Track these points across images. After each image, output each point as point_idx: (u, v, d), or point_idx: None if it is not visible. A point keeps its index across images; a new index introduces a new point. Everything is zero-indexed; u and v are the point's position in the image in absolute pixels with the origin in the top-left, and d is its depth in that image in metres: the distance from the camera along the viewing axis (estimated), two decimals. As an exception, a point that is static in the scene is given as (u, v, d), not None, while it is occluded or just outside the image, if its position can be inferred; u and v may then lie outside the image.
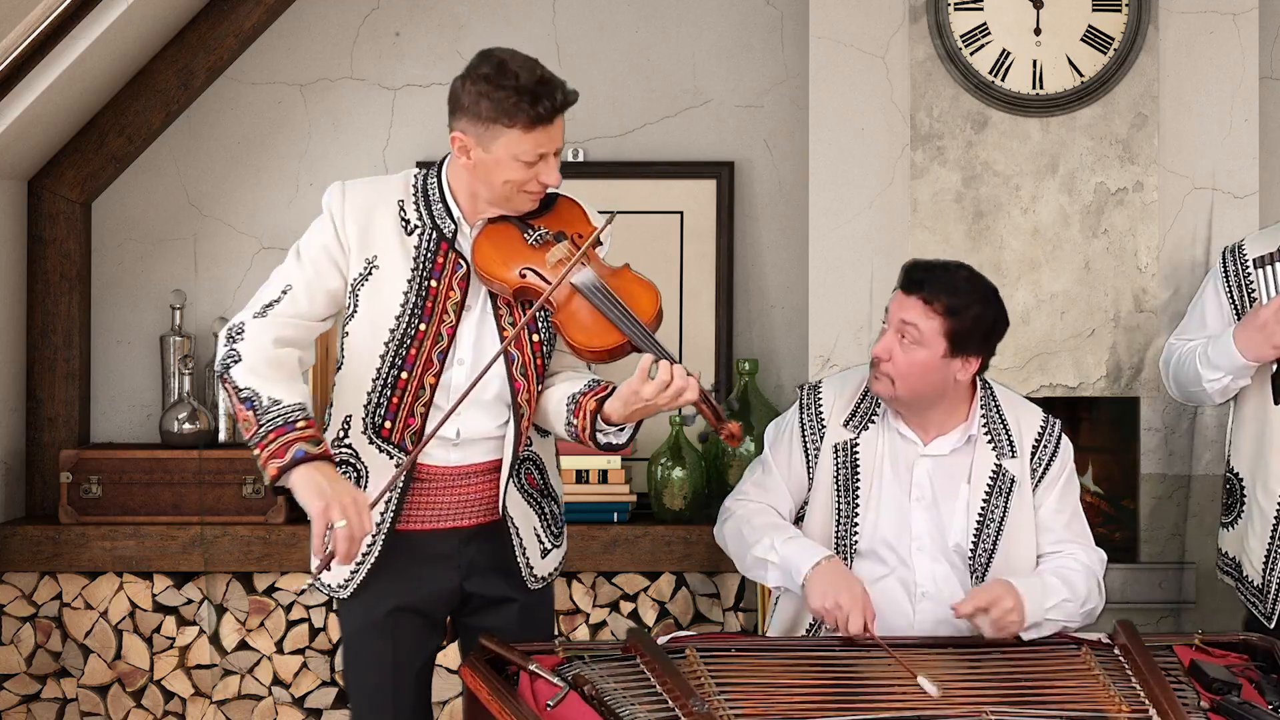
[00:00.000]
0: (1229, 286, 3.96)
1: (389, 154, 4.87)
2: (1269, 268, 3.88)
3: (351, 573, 3.38)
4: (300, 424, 3.16)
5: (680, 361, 3.26)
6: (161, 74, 4.75)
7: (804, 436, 3.63)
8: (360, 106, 4.90)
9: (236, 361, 3.22)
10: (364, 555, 3.36)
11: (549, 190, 3.34)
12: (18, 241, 4.75)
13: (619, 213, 3.45)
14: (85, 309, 4.86)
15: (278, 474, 3.14)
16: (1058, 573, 3.50)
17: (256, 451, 3.18)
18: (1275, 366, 3.85)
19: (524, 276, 3.26)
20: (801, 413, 3.65)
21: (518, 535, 3.41)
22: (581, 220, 3.37)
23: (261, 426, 3.16)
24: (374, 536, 3.35)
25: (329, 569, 3.21)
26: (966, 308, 3.49)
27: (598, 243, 3.34)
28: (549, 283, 3.24)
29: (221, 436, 4.78)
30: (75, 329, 4.81)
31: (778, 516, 3.60)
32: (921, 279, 3.50)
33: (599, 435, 3.28)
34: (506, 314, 3.32)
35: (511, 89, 3.19)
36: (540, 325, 3.34)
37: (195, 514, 4.57)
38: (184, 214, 4.93)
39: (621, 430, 3.28)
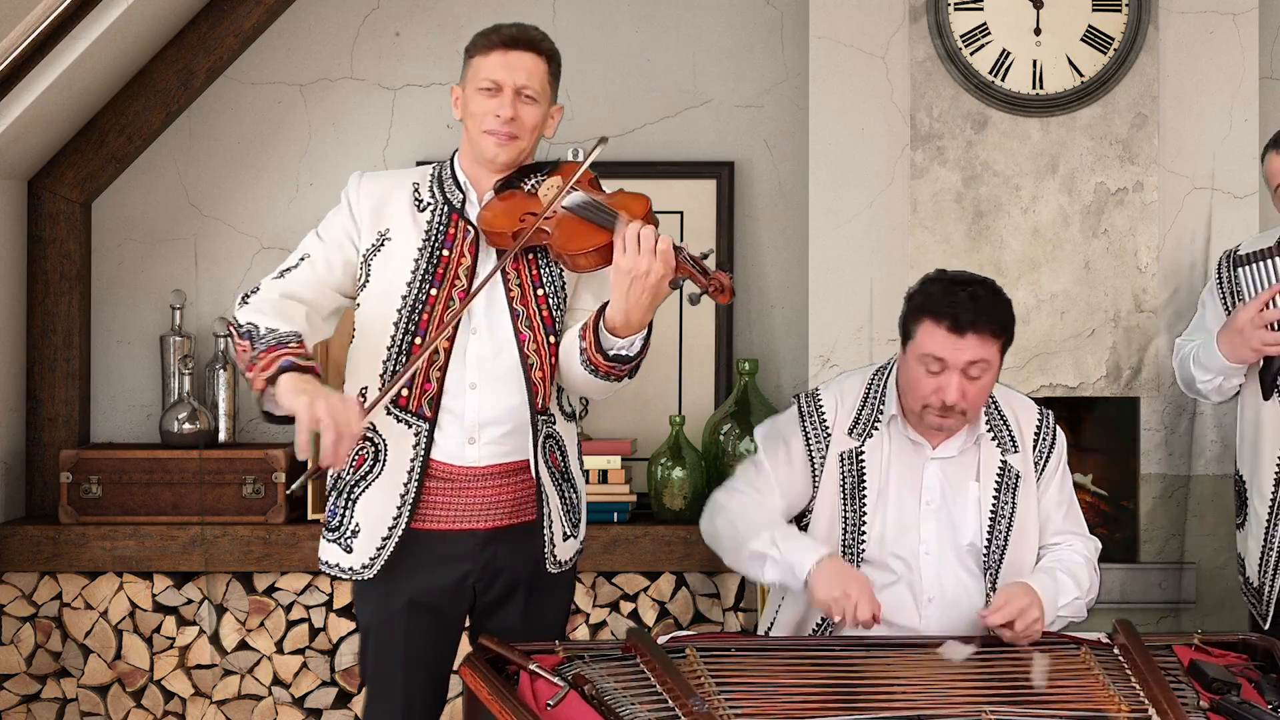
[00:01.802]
0: (1223, 292, 4.00)
1: (389, 154, 4.88)
2: (1251, 266, 3.91)
3: (375, 553, 3.38)
4: (293, 344, 3.21)
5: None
6: (161, 74, 4.75)
7: (809, 445, 3.61)
8: (360, 106, 4.90)
9: (243, 306, 3.31)
10: (388, 533, 3.37)
11: (557, 160, 3.43)
12: (18, 241, 4.75)
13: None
14: (85, 309, 4.86)
15: (265, 386, 3.16)
16: (1066, 569, 3.53)
17: (249, 375, 3.21)
18: (1263, 363, 3.88)
19: (523, 220, 3.33)
20: (804, 421, 3.62)
21: (548, 506, 3.41)
22: (578, 169, 3.42)
23: (256, 349, 3.21)
24: (393, 524, 3.36)
25: (314, 477, 3.23)
26: (1010, 321, 3.51)
27: (599, 189, 3.39)
28: (539, 214, 3.32)
29: (221, 436, 4.78)
30: (75, 329, 4.81)
31: (772, 513, 3.59)
32: (973, 316, 3.43)
33: (605, 348, 3.28)
34: (514, 277, 3.37)
35: (488, 28, 3.42)
36: (544, 278, 3.39)
37: (195, 514, 4.57)
38: (184, 214, 4.93)
39: (631, 342, 3.27)
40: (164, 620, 4.62)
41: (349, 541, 3.39)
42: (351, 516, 3.39)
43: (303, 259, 3.38)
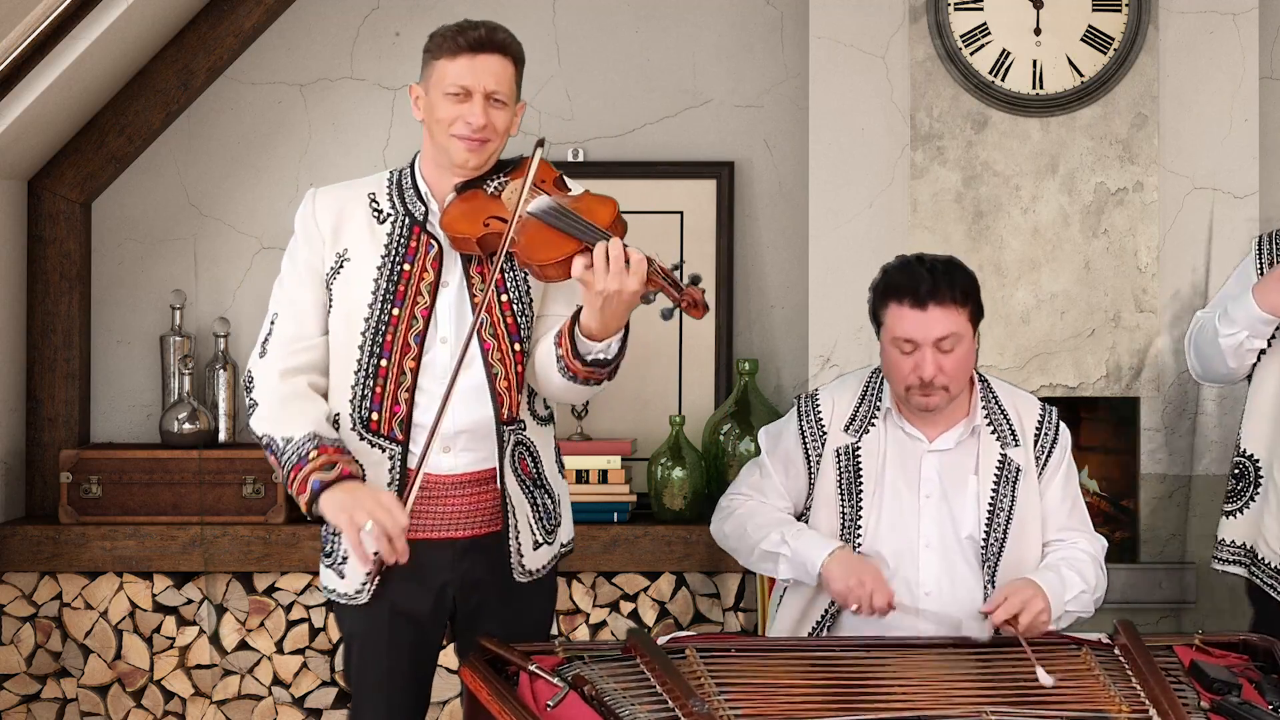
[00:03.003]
0: (1261, 264, 3.95)
1: (389, 154, 4.87)
2: None
3: (366, 578, 3.37)
4: (311, 455, 3.24)
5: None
6: (161, 74, 4.75)
7: (805, 444, 3.63)
8: (360, 106, 4.90)
9: (254, 410, 3.32)
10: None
11: (519, 156, 3.38)
12: (18, 241, 4.75)
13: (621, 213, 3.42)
14: (85, 309, 4.86)
15: (308, 509, 3.24)
16: (1071, 565, 3.52)
17: (290, 492, 3.29)
18: None
19: (487, 225, 3.28)
20: (801, 421, 3.65)
21: (514, 517, 3.39)
22: (542, 167, 3.36)
23: (284, 469, 3.26)
24: None
25: (380, 575, 3.30)
26: (972, 289, 3.54)
27: (565, 187, 3.34)
28: (508, 220, 3.26)
29: (221, 436, 4.78)
30: (75, 329, 4.81)
31: (781, 512, 3.61)
32: (931, 287, 3.47)
33: (584, 354, 3.25)
34: (479, 282, 3.32)
35: (448, 28, 3.34)
36: (509, 284, 3.34)
37: (195, 514, 4.57)
38: (184, 214, 4.93)
39: (608, 345, 3.24)
40: (164, 620, 4.62)
41: (340, 568, 3.39)
42: (341, 543, 3.38)
43: (272, 323, 3.36)
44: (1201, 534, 4.47)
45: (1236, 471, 4.00)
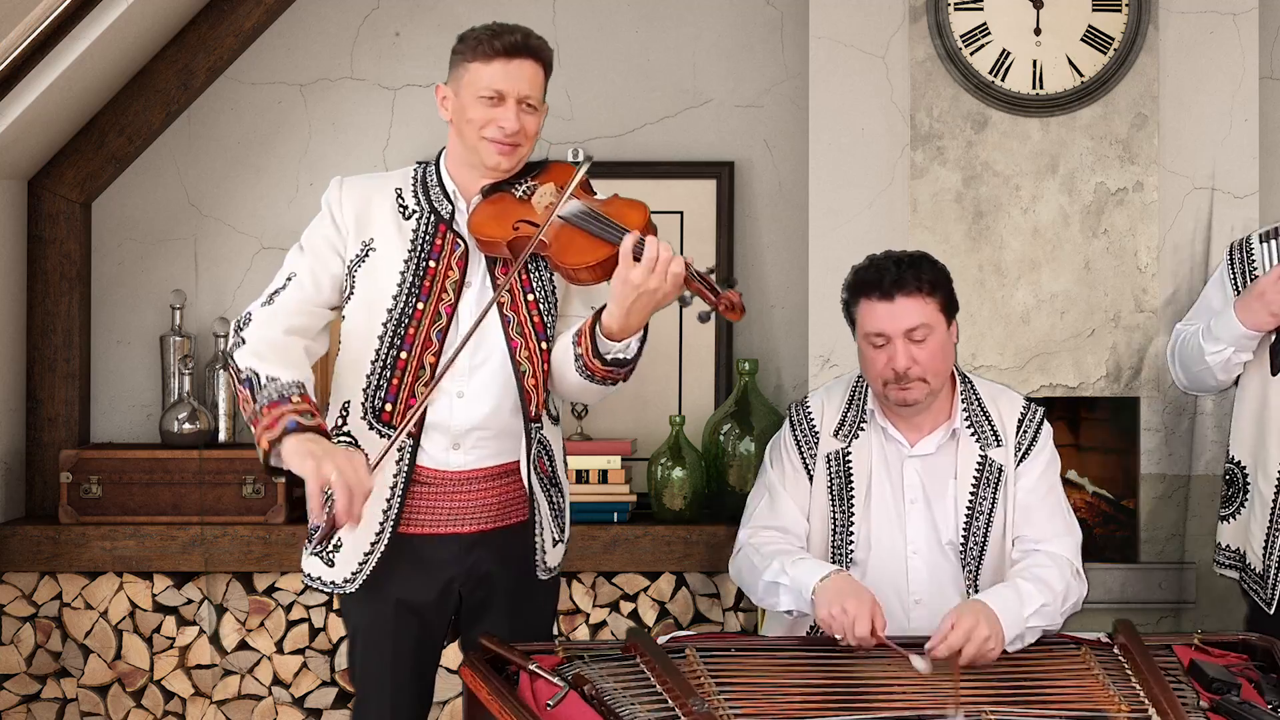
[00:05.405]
0: (1234, 274, 3.98)
1: (389, 154, 4.88)
2: (1271, 243, 3.92)
3: (357, 567, 3.37)
4: (295, 398, 3.18)
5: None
6: (161, 74, 4.75)
7: (800, 451, 3.63)
8: (360, 106, 4.90)
9: (240, 346, 3.27)
10: (370, 548, 3.36)
11: (545, 159, 3.42)
12: (18, 241, 4.75)
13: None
14: (85, 309, 4.86)
15: (270, 447, 3.14)
16: (1032, 576, 3.44)
17: (253, 429, 3.19)
18: (1275, 337, 3.87)
19: (517, 229, 3.29)
20: (794, 429, 3.65)
21: (539, 514, 3.40)
22: (570, 171, 3.39)
23: (257, 403, 3.18)
24: (379, 532, 3.35)
25: (331, 538, 3.24)
26: (942, 279, 3.54)
27: (591, 190, 3.37)
28: (538, 225, 3.27)
29: (221, 436, 4.78)
30: (75, 329, 4.81)
31: (786, 543, 3.58)
32: (896, 277, 3.48)
33: (604, 352, 3.25)
34: (504, 282, 3.33)
35: (481, 31, 3.37)
36: (535, 284, 3.36)
37: (195, 514, 4.57)
38: (184, 214, 4.93)
39: (628, 345, 3.25)
40: (164, 620, 4.62)
41: (330, 556, 3.39)
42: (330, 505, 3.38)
43: (289, 279, 3.34)
44: (1200, 534, 4.47)
45: (1228, 478, 4.03)
